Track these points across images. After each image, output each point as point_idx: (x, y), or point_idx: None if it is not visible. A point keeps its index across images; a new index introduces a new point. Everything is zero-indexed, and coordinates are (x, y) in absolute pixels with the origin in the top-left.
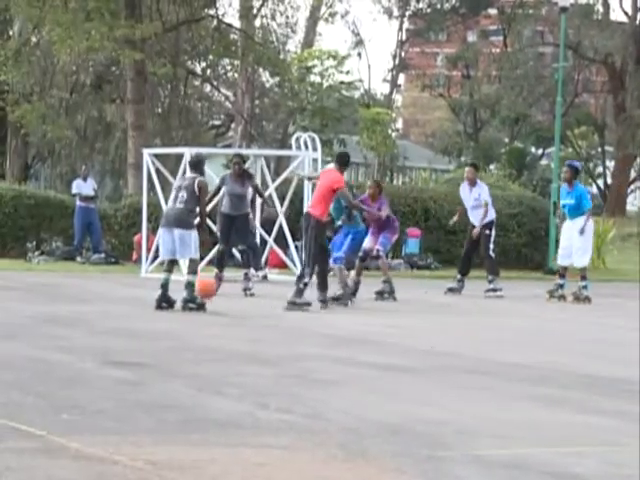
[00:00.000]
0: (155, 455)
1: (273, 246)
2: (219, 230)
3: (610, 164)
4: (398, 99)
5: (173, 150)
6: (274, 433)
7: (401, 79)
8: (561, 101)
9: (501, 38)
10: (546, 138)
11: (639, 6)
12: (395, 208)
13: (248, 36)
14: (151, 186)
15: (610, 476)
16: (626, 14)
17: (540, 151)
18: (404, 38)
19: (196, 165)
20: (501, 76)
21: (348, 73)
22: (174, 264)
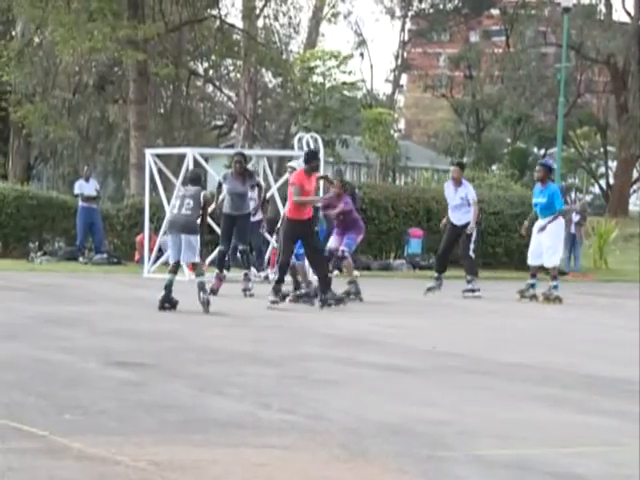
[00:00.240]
0: (157, 455)
1: (275, 247)
2: (220, 230)
3: (612, 164)
4: (400, 99)
5: (175, 150)
6: (275, 433)
7: (403, 79)
8: (563, 101)
9: (503, 38)
10: (548, 138)
11: None
12: (397, 208)
13: (251, 36)
14: (153, 186)
15: (611, 476)
16: (629, 14)
17: (542, 151)
18: (406, 38)
19: (196, 180)
20: (503, 76)
21: (350, 73)
22: (179, 266)
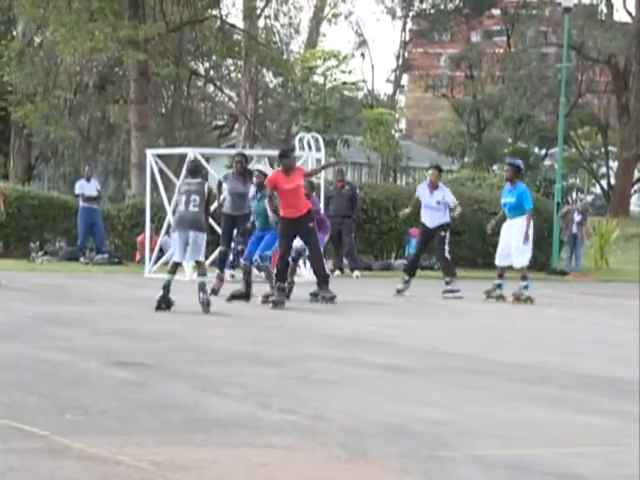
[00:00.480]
0: (158, 455)
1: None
2: (221, 231)
3: (614, 164)
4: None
5: (176, 150)
6: (276, 433)
7: (404, 79)
8: (564, 101)
9: (504, 38)
10: (549, 138)
11: None
12: (398, 208)
13: (251, 37)
14: (154, 186)
15: (611, 476)
16: (630, 14)
17: (543, 151)
18: (407, 38)
19: (197, 170)
20: (504, 76)
21: (350, 73)
22: (178, 266)
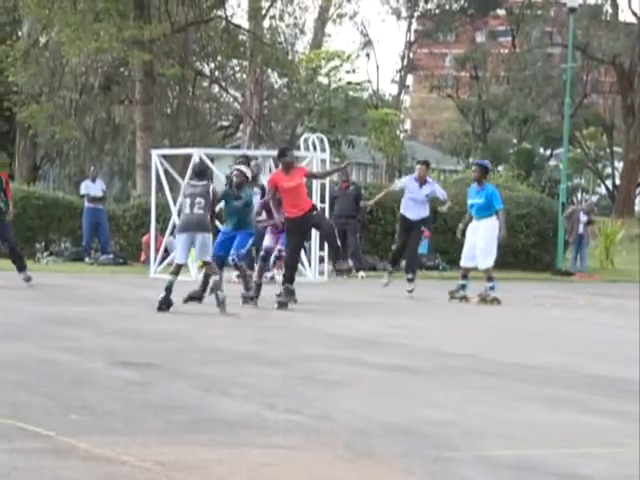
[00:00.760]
0: (163, 456)
1: (281, 247)
2: None
3: (619, 165)
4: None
5: (181, 151)
6: (281, 433)
7: (409, 80)
8: (570, 102)
9: (509, 39)
10: (554, 139)
11: None
12: None
13: (257, 37)
14: (159, 187)
15: (616, 477)
16: (635, 15)
17: (549, 152)
18: (412, 39)
19: (202, 172)
20: (509, 77)
21: (354, 72)
22: (181, 268)
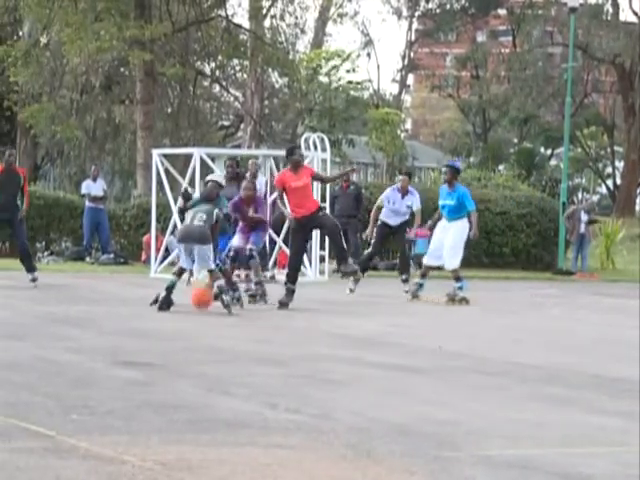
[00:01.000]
0: (164, 455)
1: (282, 246)
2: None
3: (619, 164)
4: (407, 99)
5: (182, 150)
6: (283, 433)
7: (410, 79)
8: (570, 101)
9: (510, 38)
10: (555, 138)
11: None
12: None
13: (257, 37)
14: (160, 186)
15: (620, 476)
16: (635, 14)
17: (549, 151)
18: (413, 38)
19: (209, 198)
20: (510, 76)
21: (354, 71)
22: (184, 271)
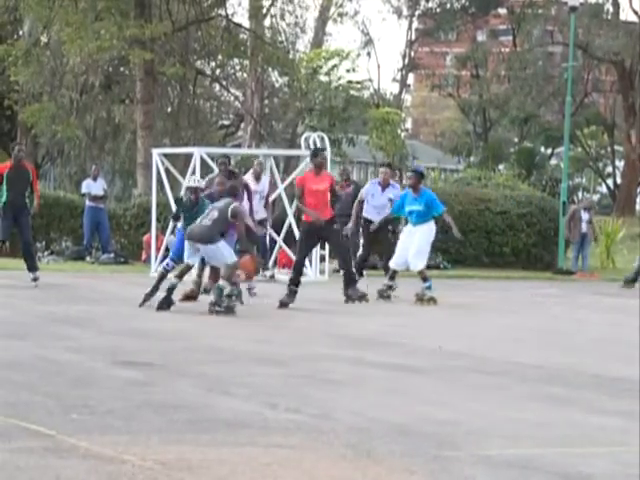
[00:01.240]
0: (164, 455)
1: (282, 246)
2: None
3: (620, 164)
4: (407, 99)
5: (182, 150)
6: (282, 433)
7: (410, 79)
8: (571, 101)
9: (510, 38)
10: (555, 138)
11: None
12: None
13: (257, 36)
14: (160, 186)
15: (620, 476)
16: (636, 13)
17: (549, 151)
18: (413, 38)
19: (230, 193)
20: (510, 76)
21: (354, 70)
22: (186, 273)
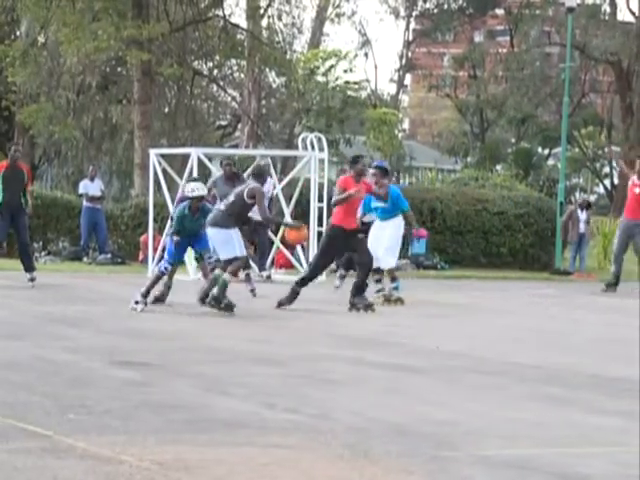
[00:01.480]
0: (162, 455)
1: (280, 246)
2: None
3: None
4: (405, 99)
5: (180, 150)
6: (280, 433)
7: (408, 79)
8: (568, 101)
9: (508, 38)
10: (553, 138)
11: None
12: None
13: (255, 36)
14: (157, 186)
15: (618, 477)
16: (633, 14)
17: (547, 151)
18: (411, 38)
19: (257, 175)
20: (508, 76)
21: (351, 71)
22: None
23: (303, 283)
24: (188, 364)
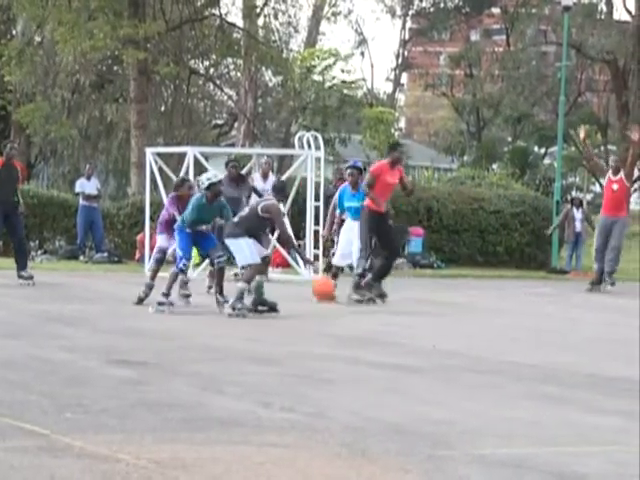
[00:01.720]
0: (158, 454)
1: (276, 245)
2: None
3: None
4: (401, 98)
5: (176, 149)
6: (277, 432)
7: (404, 78)
8: (564, 100)
9: (504, 37)
10: (549, 137)
11: None
12: (398, 207)
13: (251, 35)
14: (154, 185)
15: (614, 476)
16: (629, 13)
17: (543, 150)
18: (407, 37)
19: (279, 190)
20: (504, 75)
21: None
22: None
23: (362, 275)
24: (184, 363)
